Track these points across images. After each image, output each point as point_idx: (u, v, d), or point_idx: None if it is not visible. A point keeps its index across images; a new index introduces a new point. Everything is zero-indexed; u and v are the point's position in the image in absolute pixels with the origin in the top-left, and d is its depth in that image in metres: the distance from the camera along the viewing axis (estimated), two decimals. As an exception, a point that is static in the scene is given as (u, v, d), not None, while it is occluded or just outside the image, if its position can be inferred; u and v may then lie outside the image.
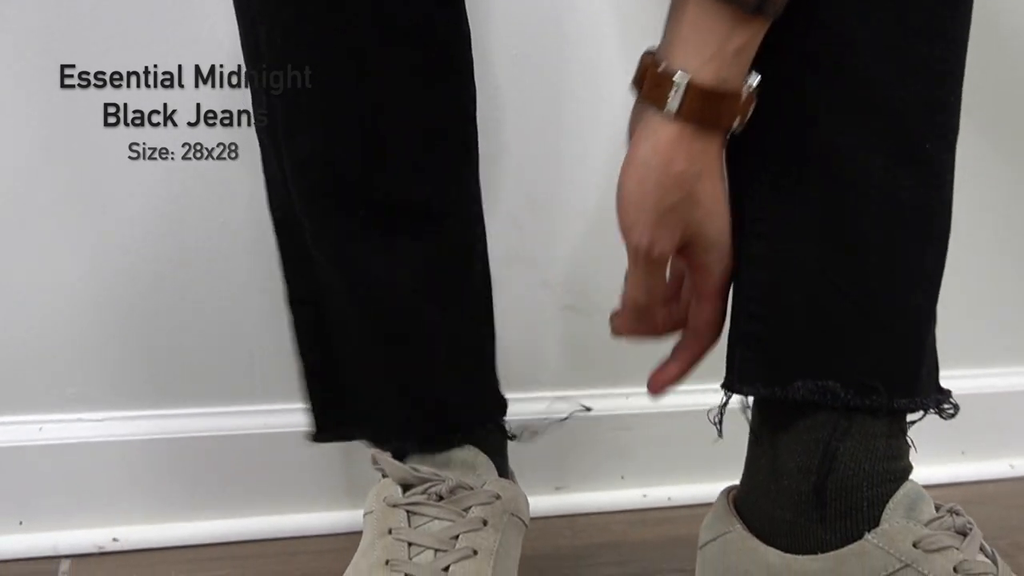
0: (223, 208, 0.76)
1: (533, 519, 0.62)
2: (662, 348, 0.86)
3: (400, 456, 0.59)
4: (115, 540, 0.75)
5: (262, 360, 0.78)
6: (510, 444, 0.64)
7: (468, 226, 0.60)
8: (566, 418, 0.78)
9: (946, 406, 0.56)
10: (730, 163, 0.56)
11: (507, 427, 0.63)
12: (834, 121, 0.53)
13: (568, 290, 0.84)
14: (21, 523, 0.74)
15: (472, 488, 0.57)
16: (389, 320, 0.58)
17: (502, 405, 0.63)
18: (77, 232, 0.74)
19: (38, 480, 0.75)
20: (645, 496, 0.87)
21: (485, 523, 0.56)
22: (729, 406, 0.63)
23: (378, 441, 0.61)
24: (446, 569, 0.53)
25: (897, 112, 0.53)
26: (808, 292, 0.54)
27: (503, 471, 0.62)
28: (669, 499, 0.87)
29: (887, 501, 0.53)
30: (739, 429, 0.89)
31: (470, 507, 0.56)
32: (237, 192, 0.75)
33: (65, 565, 0.72)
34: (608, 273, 0.88)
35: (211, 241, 0.76)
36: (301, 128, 0.56)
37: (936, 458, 0.92)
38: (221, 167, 0.75)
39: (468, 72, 0.58)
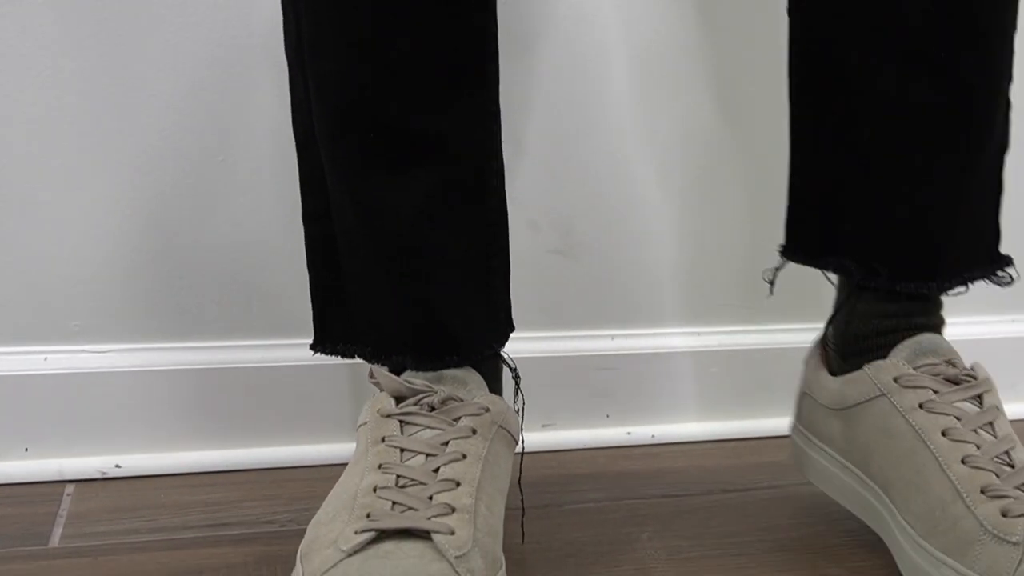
0: (224, 145, 0.78)
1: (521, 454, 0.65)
2: (649, 294, 0.89)
3: (397, 373, 0.62)
4: (118, 466, 0.78)
5: (261, 295, 0.81)
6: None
7: (481, 161, 0.62)
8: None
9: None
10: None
11: (509, 359, 0.66)
12: (846, 34, 0.63)
13: (554, 231, 0.87)
14: (27, 449, 0.77)
15: (462, 400, 0.60)
16: (394, 243, 0.61)
17: (503, 335, 0.65)
18: (79, 169, 0.76)
19: (43, 409, 0.77)
20: (629, 434, 0.90)
21: (474, 432, 0.59)
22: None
23: (377, 356, 0.63)
24: (436, 470, 0.56)
25: (904, 20, 0.61)
26: (827, 192, 0.68)
27: (495, 389, 0.65)
28: (652, 437, 0.90)
29: (893, 347, 0.65)
30: (720, 374, 0.92)
31: (460, 417, 0.59)
32: (238, 129, 0.78)
33: (70, 488, 0.75)
34: (594, 215, 0.91)
35: (212, 177, 0.78)
36: (323, 48, 0.58)
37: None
38: (224, 105, 0.78)
39: (492, 10, 0.60)
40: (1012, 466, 0.59)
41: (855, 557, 0.67)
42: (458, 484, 0.56)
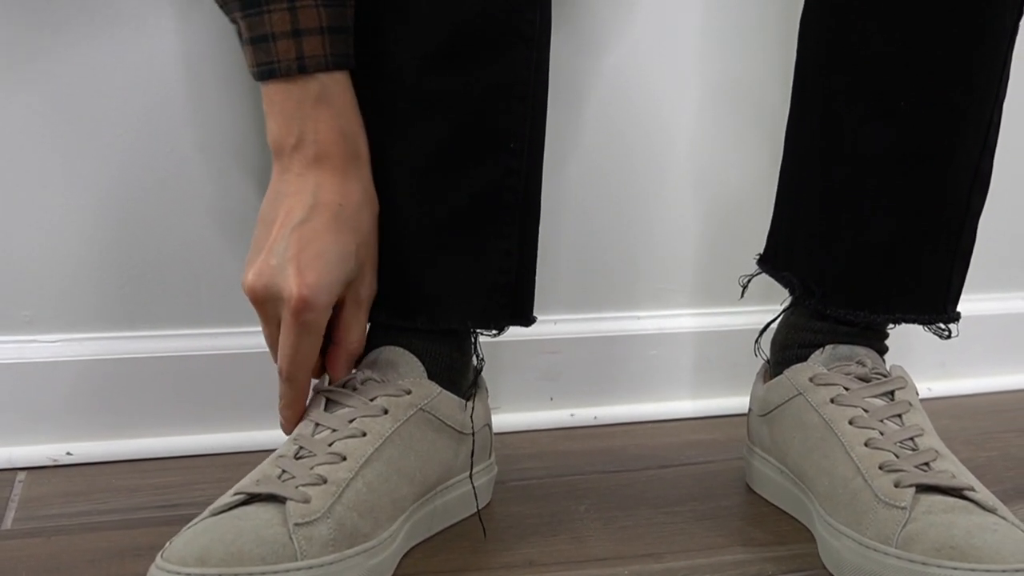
0: (175, 136, 0.80)
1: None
2: (591, 280, 0.92)
3: (374, 329, 0.68)
4: (69, 454, 0.79)
5: (209, 284, 0.83)
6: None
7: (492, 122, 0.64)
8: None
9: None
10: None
11: (478, 348, 0.70)
12: (823, 79, 0.69)
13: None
14: (-22, 438, 0.79)
15: (381, 382, 0.63)
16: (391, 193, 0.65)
17: (490, 315, 0.67)
18: (27, 161, 0.78)
19: (-6, 398, 0.79)
20: (572, 415, 0.93)
21: (385, 411, 0.62)
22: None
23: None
24: (331, 444, 0.60)
25: (870, 71, 0.67)
26: (793, 215, 0.74)
27: (445, 376, 0.67)
28: (595, 418, 0.93)
29: (812, 354, 0.71)
30: (659, 356, 0.95)
31: (376, 397, 0.62)
32: (191, 119, 0.80)
33: (21, 476, 0.77)
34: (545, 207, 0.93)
35: (162, 166, 0.80)
36: None
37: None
38: (177, 100, 0.79)
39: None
40: (916, 449, 0.63)
41: (781, 523, 0.71)
42: (344, 459, 0.59)
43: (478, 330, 0.68)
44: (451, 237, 0.64)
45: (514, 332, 0.93)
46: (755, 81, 0.93)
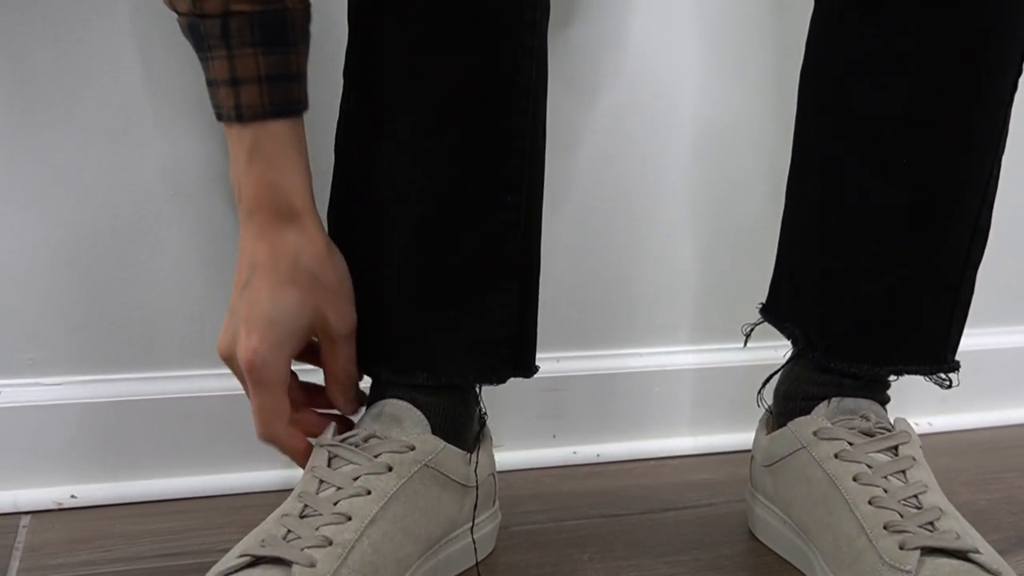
0: (175, 176, 0.80)
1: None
2: (594, 317, 0.92)
3: (377, 384, 0.68)
4: (73, 496, 0.79)
5: (212, 325, 0.83)
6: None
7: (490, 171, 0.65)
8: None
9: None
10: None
11: (482, 402, 0.70)
12: (826, 131, 0.70)
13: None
14: (-18, 482, 0.79)
15: (385, 438, 0.63)
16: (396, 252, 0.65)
17: (494, 370, 0.67)
18: (31, 200, 0.78)
19: (-2, 441, 0.79)
20: (575, 453, 0.93)
21: (390, 469, 0.62)
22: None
23: (365, 366, 0.67)
24: (336, 503, 0.60)
25: (875, 132, 0.67)
26: (795, 266, 0.75)
27: (448, 429, 0.67)
28: (598, 456, 0.94)
29: (816, 407, 0.71)
30: (662, 393, 0.95)
31: (380, 454, 0.62)
32: (188, 158, 0.80)
33: (25, 520, 0.77)
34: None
35: (164, 208, 0.80)
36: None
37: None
38: (174, 134, 0.79)
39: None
40: (920, 508, 0.63)
41: (784, 574, 0.71)
42: (349, 519, 0.59)
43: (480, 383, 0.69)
44: (451, 294, 0.64)
45: (517, 370, 0.94)
46: (754, 118, 0.94)
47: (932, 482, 0.66)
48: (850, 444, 0.67)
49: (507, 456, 0.91)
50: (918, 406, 1.03)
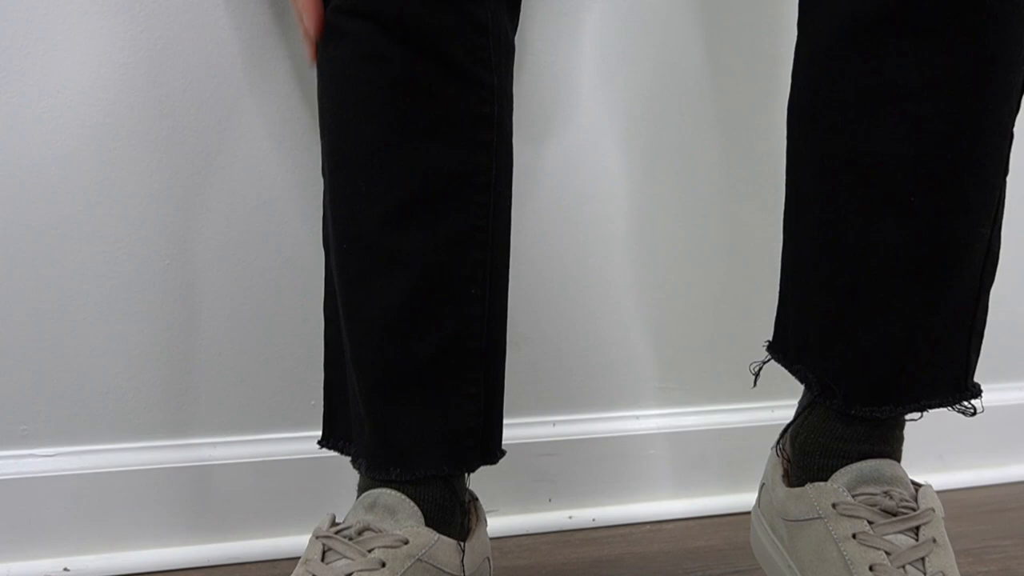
0: (175, 245, 0.80)
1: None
2: (589, 381, 0.92)
3: (363, 475, 0.68)
4: (66, 570, 0.79)
5: (206, 394, 0.83)
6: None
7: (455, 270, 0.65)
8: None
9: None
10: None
11: (468, 489, 0.70)
12: (820, 169, 0.67)
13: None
14: (-25, 554, 0.78)
15: (379, 532, 0.62)
16: (362, 351, 0.65)
17: (464, 459, 0.67)
18: (18, 270, 0.78)
19: (-9, 513, 0.79)
20: (571, 518, 0.93)
21: (383, 564, 0.61)
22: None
23: (354, 458, 0.68)
24: None
25: (877, 162, 0.64)
26: (801, 308, 0.70)
27: (439, 518, 0.66)
28: (593, 520, 0.93)
29: (836, 470, 0.67)
30: (657, 455, 0.95)
31: (373, 549, 0.62)
32: (183, 229, 0.80)
33: (18, 594, 0.77)
34: (534, 307, 0.94)
35: (156, 279, 0.80)
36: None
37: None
38: (188, 203, 0.79)
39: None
40: None
41: (780, 657, 0.71)
42: None
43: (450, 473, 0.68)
44: (416, 389, 0.65)
45: (513, 434, 0.93)
46: (749, 173, 0.94)
47: (951, 568, 0.64)
48: (870, 522, 0.64)
49: (502, 521, 0.90)
50: (916, 465, 1.02)
